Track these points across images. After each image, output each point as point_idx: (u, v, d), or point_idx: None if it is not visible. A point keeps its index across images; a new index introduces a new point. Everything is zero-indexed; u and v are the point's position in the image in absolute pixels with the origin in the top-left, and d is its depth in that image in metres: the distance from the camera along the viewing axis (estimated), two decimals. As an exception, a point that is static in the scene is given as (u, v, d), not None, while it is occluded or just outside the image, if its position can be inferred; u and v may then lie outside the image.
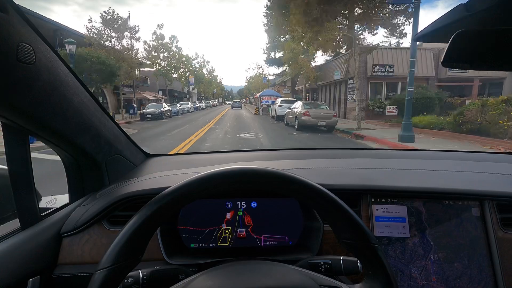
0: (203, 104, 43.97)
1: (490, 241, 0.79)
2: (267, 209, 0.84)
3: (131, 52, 19.67)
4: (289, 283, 0.44)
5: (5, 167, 0.66)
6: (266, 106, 22.81)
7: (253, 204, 0.85)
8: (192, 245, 0.82)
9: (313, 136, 9.66)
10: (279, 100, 17.92)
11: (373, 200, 0.84)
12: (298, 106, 11.96)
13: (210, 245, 0.82)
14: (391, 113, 12.93)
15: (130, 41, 19.62)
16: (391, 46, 16.10)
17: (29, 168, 0.67)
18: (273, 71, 46.19)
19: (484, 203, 0.82)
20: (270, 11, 23.01)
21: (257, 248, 0.83)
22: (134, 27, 19.63)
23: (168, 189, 0.45)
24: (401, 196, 0.84)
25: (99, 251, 0.76)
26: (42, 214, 0.74)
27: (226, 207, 0.84)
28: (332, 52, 17.03)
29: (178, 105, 26.22)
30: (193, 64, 43.53)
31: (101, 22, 18.07)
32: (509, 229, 0.81)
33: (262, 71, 53.26)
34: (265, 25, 28.23)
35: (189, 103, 32.35)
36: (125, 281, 0.53)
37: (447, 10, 0.45)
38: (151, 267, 0.58)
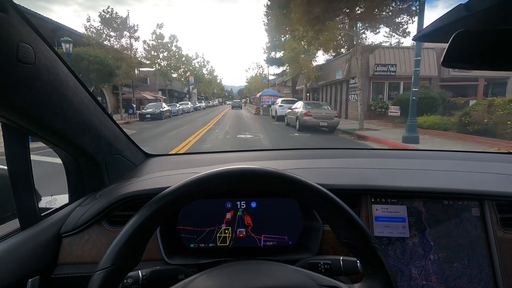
0: (203, 104, 43.99)
1: (490, 241, 0.80)
2: (267, 209, 0.85)
3: (130, 52, 19.63)
4: (289, 283, 0.45)
5: (5, 167, 0.67)
6: (266, 106, 22.77)
7: (253, 204, 0.85)
8: (192, 245, 0.83)
9: (314, 137, 9.62)
10: (279, 100, 17.85)
11: (373, 200, 0.85)
12: (299, 106, 11.89)
13: (210, 245, 0.83)
14: (394, 113, 12.85)
15: (129, 41, 19.60)
16: (393, 46, 16.01)
17: (29, 168, 0.68)
18: (273, 71, 46.19)
19: (484, 203, 0.83)
20: (270, 11, 23.00)
21: (257, 248, 0.84)
22: (133, 26, 19.60)
23: (168, 189, 0.46)
24: (401, 196, 0.84)
25: (99, 251, 0.77)
26: (42, 214, 0.74)
27: (226, 207, 0.85)
28: (333, 51, 17.00)
29: (177, 105, 26.18)
30: (193, 64, 43.62)
31: (100, 21, 18.04)
32: (509, 229, 0.81)
33: (262, 71, 53.36)
34: (265, 24, 28.20)
35: (189, 103, 32.34)
36: (124, 281, 0.53)
37: (447, 10, 0.46)
38: (151, 267, 0.59)
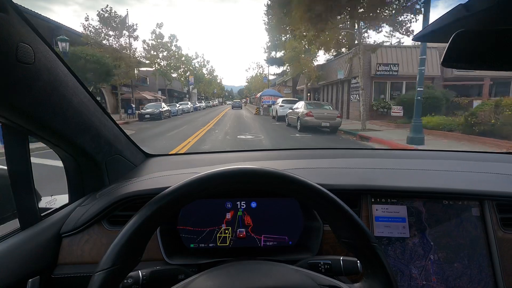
0: (203, 104, 44.05)
1: (490, 241, 0.80)
2: (267, 209, 0.86)
3: (129, 51, 19.60)
4: (289, 283, 0.45)
5: (5, 167, 0.67)
6: (266, 106, 22.74)
7: (253, 204, 0.86)
8: (192, 245, 0.83)
9: (316, 138, 9.60)
10: (280, 100, 17.82)
11: (373, 200, 0.85)
12: (300, 106, 11.84)
13: (210, 245, 0.84)
14: (397, 114, 12.80)
15: (128, 40, 19.56)
16: (395, 45, 15.98)
17: (29, 168, 0.68)
18: (273, 70, 46.25)
19: (484, 203, 0.83)
20: (270, 10, 23.00)
21: (257, 248, 0.84)
22: (132, 25, 19.55)
23: (168, 189, 0.46)
24: (401, 196, 0.85)
25: (99, 251, 0.77)
26: (42, 214, 0.75)
27: (226, 207, 0.85)
28: (334, 51, 16.99)
29: (177, 105, 26.19)
30: (193, 64, 43.64)
31: (99, 20, 18.01)
32: (509, 229, 0.82)
33: (263, 71, 53.40)
34: (266, 23, 28.19)
35: (189, 103, 32.35)
36: (124, 281, 0.54)
37: (447, 10, 0.46)
38: (151, 267, 0.59)
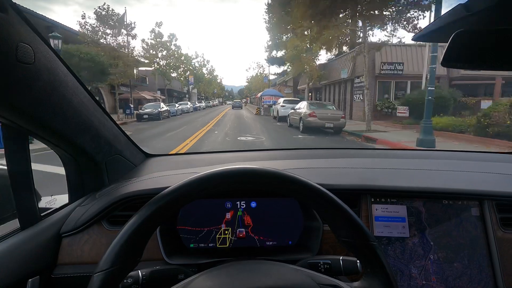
0: (203, 104, 44.15)
1: (489, 241, 0.81)
2: (267, 209, 0.87)
3: (127, 50, 19.59)
4: (289, 283, 0.46)
5: (5, 167, 0.68)
6: (267, 106, 22.72)
7: (253, 204, 0.87)
8: (191, 245, 0.84)
9: (319, 139, 9.56)
10: (281, 100, 17.79)
11: (372, 200, 0.87)
12: (303, 107, 11.74)
13: (210, 245, 0.85)
14: (402, 114, 12.68)
15: (126, 39, 19.55)
16: (400, 43, 15.94)
17: (28, 168, 0.70)
18: (274, 70, 46.27)
19: (484, 203, 0.84)
20: (271, 9, 23.04)
21: (256, 248, 0.85)
22: (130, 24, 19.55)
23: (168, 189, 0.47)
24: (400, 196, 0.86)
25: (99, 251, 0.79)
26: (42, 214, 0.77)
27: (226, 207, 0.86)
28: (337, 50, 16.95)
29: (176, 105, 26.23)
30: (192, 64, 43.70)
31: (96, 19, 17.99)
32: (508, 229, 0.83)
33: (263, 71, 53.47)
34: (267, 22, 28.18)
35: (188, 103, 32.40)
36: (124, 281, 0.55)
37: (447, 10, 0.48)
38: (151, 267, 0.60)
